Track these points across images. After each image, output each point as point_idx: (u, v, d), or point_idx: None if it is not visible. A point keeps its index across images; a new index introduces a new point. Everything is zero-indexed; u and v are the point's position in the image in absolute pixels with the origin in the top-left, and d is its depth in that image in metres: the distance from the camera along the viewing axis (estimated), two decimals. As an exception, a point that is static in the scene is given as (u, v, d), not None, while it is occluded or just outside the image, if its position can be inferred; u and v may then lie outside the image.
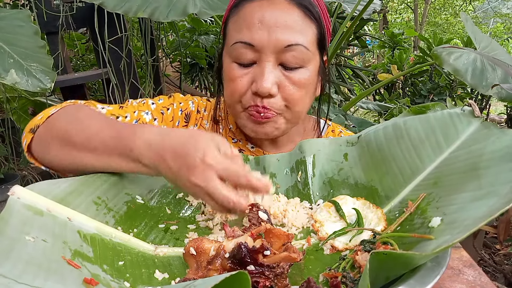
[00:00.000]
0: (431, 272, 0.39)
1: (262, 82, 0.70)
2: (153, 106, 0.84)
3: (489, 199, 0.43)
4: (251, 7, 0.72)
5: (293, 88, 0.73)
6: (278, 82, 0.72)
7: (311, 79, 0.75)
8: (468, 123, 0.59)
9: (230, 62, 0.74)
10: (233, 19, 0.75)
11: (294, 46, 0.71)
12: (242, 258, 0.42)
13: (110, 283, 0.46)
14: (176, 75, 3.60)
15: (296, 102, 0.75)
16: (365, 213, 0.57)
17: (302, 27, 0.72)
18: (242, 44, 0.71)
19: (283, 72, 0.73)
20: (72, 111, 0.70)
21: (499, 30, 12.11)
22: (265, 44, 0.70)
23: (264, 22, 0.70)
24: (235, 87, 0.74)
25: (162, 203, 0.65)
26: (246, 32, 0.71)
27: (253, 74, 0.73)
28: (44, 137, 0.67)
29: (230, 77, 0.75)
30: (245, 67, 0.73)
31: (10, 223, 0.45)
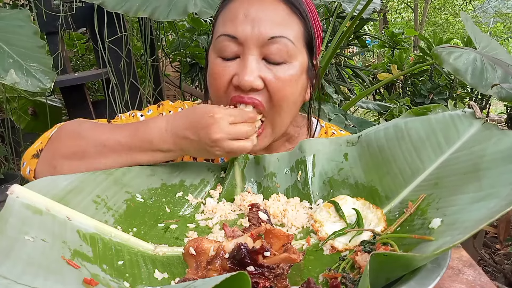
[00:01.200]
0: (431, 274, 0.39)
1: (244, 75, 0.68)
2: (142, 118, 0.84)
3: (490, 200, 0.43)
4: (238, 2, 0.72)
5: (279, 84, 0.70)
6: (263, 77, 0.70)
7: (297, 77, 0.73)
8: (469, 124, 0.59)
9: (215, 57, 0.73)
10: (221, 14, 0.75)
11: (278, 38, 0.69)
12: (242, 258, 0.42)
13: (110, 283, 0.46)
14: (176, 75, 3.60)
15: (281, 99, 0.72)
16: (365, 213, 0.57)
17: (287, 21, 0.71)
18: (225, 37, 0.71)
19: (268, 67, 0.70)
20: (71, 128, 0.72)
21: (499, 30, 12.10)
22: (248, 36, 0.69)
23: (249, 16, 0.69)
24: (218, 83, 0.72)
25: (161, 202, 0.65)
26: (230, 25, 0.70)
27: (235, 68, 0.71)
28: (51, 158, 0.69)
29: (213, 72, 0.73)
30: (227, 61, 0.71)
31: (9, 222, 0.45)
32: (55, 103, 2.48)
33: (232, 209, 0.66)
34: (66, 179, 0.58)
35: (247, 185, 0.70)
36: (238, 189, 0.69)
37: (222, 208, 0.65)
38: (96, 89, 3.25)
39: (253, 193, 0.69)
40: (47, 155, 0.69)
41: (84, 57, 3.28)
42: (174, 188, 0.67)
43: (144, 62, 2.33)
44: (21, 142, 2.33)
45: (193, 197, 0.67)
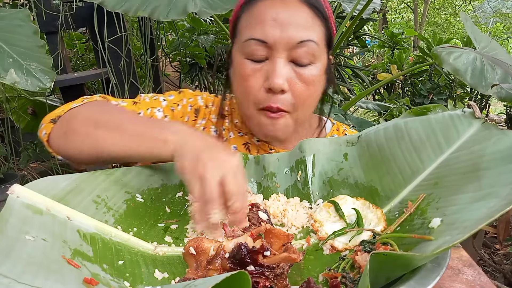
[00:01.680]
0: (431, 273, 0.39)
1: (274, 78, 0.72)
2: (164, 103, 0.86)
3: (489, 200, 0.43)
4: (264, 5, 0.74)
5: (303, 86, 0.75)
6: (289, 79, 0.74)
7: (320, 77, 0.77)
8: (469, 124, 0.59)
9: (242, 58, 0.76)
10: (244, 16, 0.77)
11: (306, 42, 0.72)
12: (242, 258, 0.42)
13: (110, 282, 0.46)
14: (176, 75, 3.60)
15: (305, 99, 0.76)
16: (365, 213, 0.57)
17: (312, 25, 0.74)
18: (255, 41, 0.73)
19: (294, 69, 0.74)
20: (97, 103, 0.75)
21: (498, 30, 12.10)
22: (278, 40, 0.72)
23: (277, 20, 0.72)
24: (248, 85, 0.75)
25: (162, 201, 0.65)
26: (259, 29, 0.73)
27: (265, 71, 0.74)
28: (67, 125, 0.70)
29: (242, 74, 0.76)
30: (257, 63, 0.75)
31: (10, 222, 0.46)
32: (55, 102, 2.47)
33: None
34: (66, 179, 0.58)
35: (247, 185, 0.70)
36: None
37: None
38: (96, 88, 3.25)
39: (253, 193, 0.69)
40: (63, 122, 0.71)
41: (84, 56, 3.28)
42: (174, 188, 0.68)
43: (144, 62, 2.33)
44: (21, 142, 2.32)
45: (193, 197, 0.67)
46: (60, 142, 0.71)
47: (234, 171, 0.54)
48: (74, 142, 0.68)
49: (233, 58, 0.79)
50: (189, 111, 0.88)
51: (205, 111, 0.90)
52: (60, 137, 0.71)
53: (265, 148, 0.86)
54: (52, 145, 0.72)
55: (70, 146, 0.69)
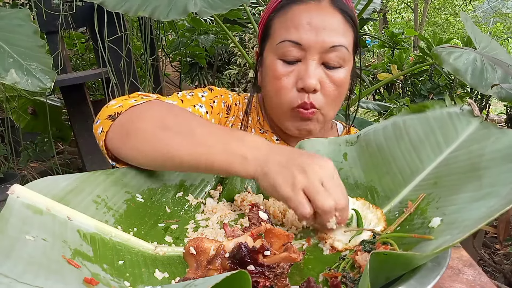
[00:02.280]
0: (431, 272, 0.39)
1: (308, 78, 0.76)
2: (203, 99, 0.88)
3: (489, 199, 0.43)
4: (299, 9, 0.78)
5: (332, 86, 0.79)
6: (320, 80, 0.78)
7: (347, 79, 0.82)
8: (468, 123, 0.59)
9: (275, 59, 0.80)
10: (279, 19, 0.81)
11: (338, 47, 0.77)
12: (242, 258, 0.42)
13: (110, 282, 0.46)
14: (176, 75, 3.60)
15: (333, 99, 0.81)
16: (365, 213, 0.57)
17: (343, 30, 0.78)
18: (290, 43, 0.77)
19: (325, 71, 0.79)
20: (161, 103, 0.69)
21: (498, 30, 12.10)
22: (312, 44, 0.76)
23: (312, 24, 0.76)
24: (281, 84, 0.79)
25: (162, 201, 0.65)
26: (294, 32, 0.76)
27: (297, 72, 0.78)
28: (130, 124, 0.65)
29: (276, 75, 0.80)
30: (289, 64, 0.79)
31: (10, 222, 0.46)
32: (55, 102, 2.48)
33: (232, 209, 0.66)
34: (66, 179, 0.58)
35: (247, 185, 0.70)
36: (238, 189, 0.69)
37: (222, 208, 0.65)
38: (96, 88, 3.25)
39: (253, 193, 0.69)
40: (126, 121, 0.65)
41: (84, 56, 3.28)
42: (174, 188, 0.68)
43: (144, 62, 2.33)
44: (21, 142, 2.32)
45: (193, 197, 0.67)
46: (122, 142, 0.64)
47: (332, 174, 0.53)
48: (139, 144, 0.62)
49: (265, 59, 0.83)
50: (223, 108, 0.91)
51: (234, 109, 0.94)
52: (121, 136, 0.64)
53: None
54: (110, 144, 0.66)
55: (134, 147, 0.63)
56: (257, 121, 0.94)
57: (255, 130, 0.93)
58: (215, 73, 3.46)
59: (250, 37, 2.77)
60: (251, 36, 2.77)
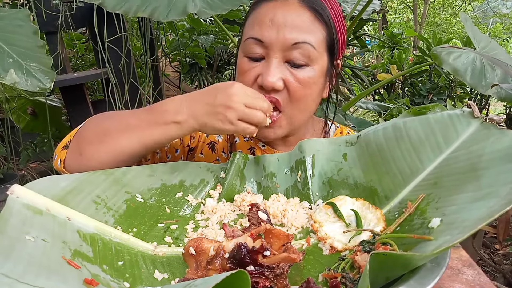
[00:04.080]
0: (430, 273, 0.39)
1: (267, 76, 0.74)
2: None
3: (489, 200, 0.43)
4: (266, 7, 0.77)
5: (298, 86, 0.76)
6: (284, 78, 0.76)
7: (316, 79, 0.78)
8: (468, 124, 0.59)
9: (242, 56, 0.80)
10: (250, 17, 0.81)
11: (301, 44, 0.74)
12: (242, 258, 0.42)
13: (110, 283, 0.46)
14: (176, 75, 3.60)
15: (298, 99, 0.77)
16: (364, 213, 0.57)
17: (310, 28, 0.76)
18: (252, 40, 0.76)
19: (289, 69, 0.76)
20: (97, 116, 0.77)
21: (498, 30, 12.10)
22: (273, 41, 0.74)
23: (274, 21, 0.75)
24: (242, 80, 0.78)
25: (161, 202, 0.65)
26: (257, 29, 0.76)
27: (260, 69, 0.77)
28: (77, 145, 0.72)
29: (239, 70, 0.80)
30: (254, 61, 0.78)
31: (10, 222, 0.46)
32: (55, 103, 2.48)
33: (232, 209, 0.66)
34: (66, 179, 0.58)
35: (247, 185, 0.70)
36: (238, 189, 0.69)
37: (222, 208, 0.65)
38: (95, 89, 3.25)
39: (253, 193, 0.69)
40: (74, 144, 0.73)
41: (83, 57, 3.28)
42: (174, 188, 0.68)
43: (143, 62, 2.33)
44: (21, 142, 2.32)
45: (193, 197, 0.67)
46: (78, 162, 0.70)
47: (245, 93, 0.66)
48: (92, 157, 0.69)
49: (238, 57, 0.83)
50: None
51: None
52: (76, 159, 0.71)
53: (271, 153, 0.87)
54: (70, 169, 0.72)
55: (89, 162, 0.69)
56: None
57: (238, 138, 0.91)
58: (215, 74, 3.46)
59: (250, 37, 2.76)
60: (250, 37, 2.76)
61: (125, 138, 0.68)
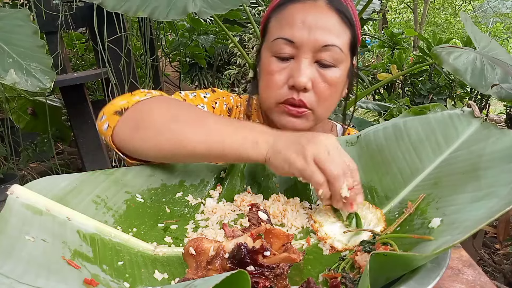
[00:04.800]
0: (431, 273, 0.39)
1: (299, 76, 0.76)
2: (205, 100, 0.90)
3: (489, 200, 0.43)
4: (295, 8, 0.79)
5: (325, 86, 0.79)
6: (312, 78, 0.78)
7: (341, 79, 0.81)
8: (468, 124, 0.59)
9: (270, 56, 0.80)
10: (276, 17, 0.82)
11: (331, 46, 0.77)
12: (242, 258, 0.42)
13: (110, 283, 0.46)
14: (176, 75, 3.60)
15: (326, 98, 0.80)
16: (364, 213, 0.57)
17: (338, 30, 0.78)
18: (283, 40, 0.78)
19: (318, 69, 0.78)
20: (167, 98, 0.73)
21: (498, 30, 12.10)
22: (305, 42, 0.76)
23: (306, 23, 0.76)
24: (273, 80, 0.80)
25: (161, 202, 0.65)
26: (288, 30, 0.77)
27: (290, 69, 0.78)
28: (137, 118, 0.66)
29: (268, 71, 0.80)
30: (282, 61, 0.79)
31: (10, 222, 0.45)
32: (55, 103, 2.48)
33: (232, 209, 0.66)
34: (66, 179, 0.58)
35: (247, 185, 0.70)
36: (238, 189, 0.69)
37: (222, 208, 0.65)
38: (95, 88, 3.25)
39: (253, 193, 0.69)
40: (133, 115, 0.67)
41: (83, 56, 3.28)
42: (174, 188, 0.67)
43: (143, 62, 2.33)
44: (21, 142, 2.32)
45: (193, 197, 0.67)
46: (131, 136, 0.65)
47: (336, 145, 0.57)
48: (150, 137, 0.64)
49: (261, 56, 0.84)
50: (224, 110, 0.92)
51: (236, 111, 0.94)
52: (131, 130, 0.65)
53: None
54: (117, 139, 0.67)
55: (144, 141, 0.64)
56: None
57: None
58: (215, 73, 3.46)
59: (250, 37, 2.77)
60: (250, 36, 2.77)
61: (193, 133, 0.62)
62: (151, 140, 0.64)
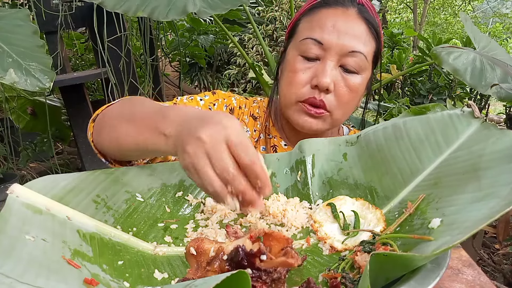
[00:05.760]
0: (431, 273, 0.39)
1: (323, 77, 0.79)
2: (201, 102, 0.91)
3: (489, 200, 0.43)
4: (327, 12, 0.82)
5: (346, 90, 0.82)
6: (335, 81, 0.81)
7: (361, 87, 0.84)
8: (468, 124, 0.59)
9: (296, 55, 0.83)
10: (306, 19, 0.85)
11: (357, 53, 0.80)
12: (239, 261, 0.42)
13: (110, 283, 0.46)
14: (175, 75, 3.60)
15: (345, 103, 0.83)
16: (364, 213, 0.57)
17: (365, 39, 0.81)
18: (312, 41, 0.80)
19: (341, 74, 0.81)
20: (128, 99, 0.76)
21: (498, 30, 12.11)
22: (333, 45, 0.79)
23: (336, 27, 0.80)
24: (296, 78, 0.82)
25: (161, 201, 0.65)
26: (318, 31, 0.80)
27: (315, 70, 0.81)
28: (100, 122, 0.72)
29: (293, 68, 0.83)
30: (308, 61, 0.82)
31: (10, 222, 0.45)
32: (54, 102, 2.48)
33: (232, 209, 0.65)
34: (66, 178, 0.58)
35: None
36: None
37: (222, 208, 0.65)
38: (95, 88, 3.25)
39: (253, 193, 0.69)
40: (98, 120, 0.73)
41: (83, 56, 3.28)
42: (174, 188, 0.67)
43: (143, 62, 2.33)
44: (20, 142, 2.32)
45: (193, 197, 0.67)
46: (97, 139, 0.71)
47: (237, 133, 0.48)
48: (105, 138, 0.68)
49: (287, 55, 0.87)
50: (224, 111, 0.93)
51: (238, 112, 0.95)
52: (97, 135, 0.71)
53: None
54: (95, 142, 0.72)
55: (103, 142, 0.69)
56: (266, 127, 0.95)
57: (263, 135, 0.94)
58: (215, 73, 3.46)
59: (250, 37, 2.76)
60: (250, 36, 2.77)
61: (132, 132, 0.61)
62: (106, 141, 0.67)
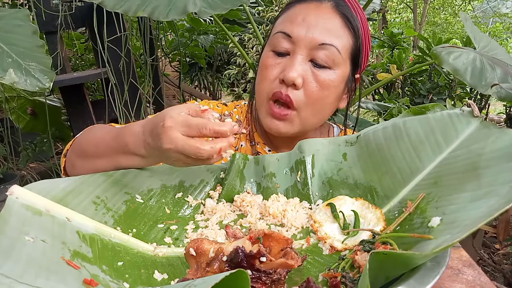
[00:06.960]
0: (430, 272, 0.39)
1: (289, 71, 0.76)
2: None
3: (489, 199, 0.43)
4: (300, 7, 0.81)
5: (316, 86, 0.78)
6: (304, 76, 0.77)
7: (336, 84, 0.80)
8: (468, 123, 0.59)
9: (268, 50, 0.82)
10: (281, 16, 0.84)
11: (327, 45, 0.77)
12: (239, 262, 0.42)
13: (110, 283, 0.46)
14: (175, 75, 3.60)
15: (314, 100, 0.79)
16: (364, 213, 0.57)
17: (339, 32, 0.79)
18: (281, 34, 0.79)
19: (311, 68, 0.78)
20: (90, 129, 0.77)
21: (498, 30, 12.11)
22: (302, 38, 0.77)
23: (306, 20, 0.78)
24: (267, 74, 0.80)
25: (161, 202, 0.65)
26: (288, 25, 0.79)
27: (284, 65, 0.79)
28: (70, 157, 0.74)
29: (264, 65, 0.81)
30: (279, 56, 0.80)
31: (9, 222, 0.45)
32: (54, 102, 2.48)
33: (232, 209, 0.66)
34: (66, 180, 0.58)
35: (247, 186, 0.70)
36: (237, 190, 0.69)
37: (222, 209, 0.65)
38: (95, 88, 3.25)
39: (253, 193, 0.69)
40: (69, 155, 0.75)
41: (83, 56, 3.28)
42: (174, 189, 0.67)
43: (143, 62, 2.33)
44: (20, 142, 2.32)
45: (192, 198, 0.67)
46: (73, 173, 0.73)
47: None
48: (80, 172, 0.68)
49: (263, 53, 0.85)
50: None
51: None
52: (70, 170, 0.74)
53: None
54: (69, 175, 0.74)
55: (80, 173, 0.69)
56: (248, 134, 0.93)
57: (244, 142, 0.92)
58: (215, 73, 3.46)
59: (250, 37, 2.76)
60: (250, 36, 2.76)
61: (99, 160, 0.66)
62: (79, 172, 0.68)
